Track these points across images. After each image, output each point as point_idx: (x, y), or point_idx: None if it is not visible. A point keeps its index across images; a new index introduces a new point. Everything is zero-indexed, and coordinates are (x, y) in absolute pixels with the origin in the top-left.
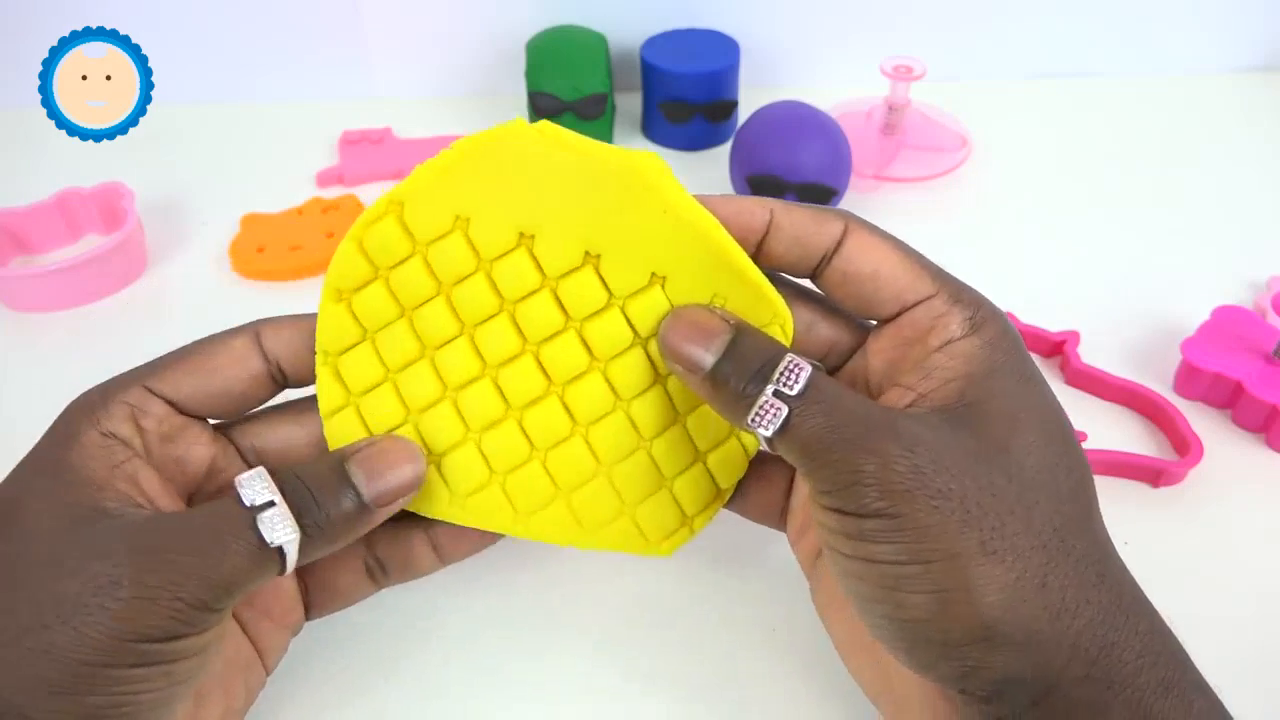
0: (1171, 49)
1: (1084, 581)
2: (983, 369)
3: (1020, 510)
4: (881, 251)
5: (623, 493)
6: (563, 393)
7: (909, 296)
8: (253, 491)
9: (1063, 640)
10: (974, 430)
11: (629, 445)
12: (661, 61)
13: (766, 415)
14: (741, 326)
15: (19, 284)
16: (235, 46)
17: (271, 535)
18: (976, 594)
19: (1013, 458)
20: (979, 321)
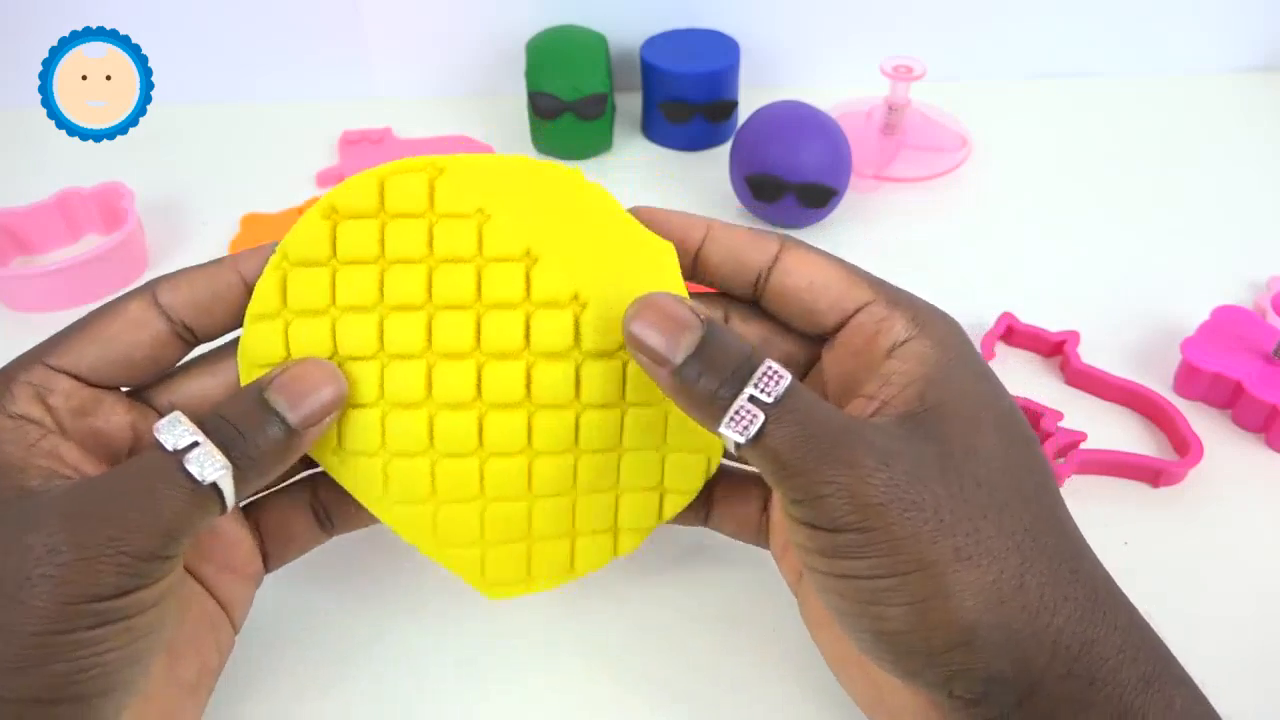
0: (1171, 49)
1: (1059, 578)
2: (938, 370)
3: (992, 513)
4: (816, 265)
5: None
6: (487, 380)
7: (848, 304)
8: (173, 436)
9: (1043, 638)
10: (939, 435)
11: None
12: (661, 61)
13: (741, 421)
14: (714, 323)
15: (19, 284)
16: (235, 46)
17: (202, 473)
18: (955, 600)
19: (979, 460)
20: (923, 321)
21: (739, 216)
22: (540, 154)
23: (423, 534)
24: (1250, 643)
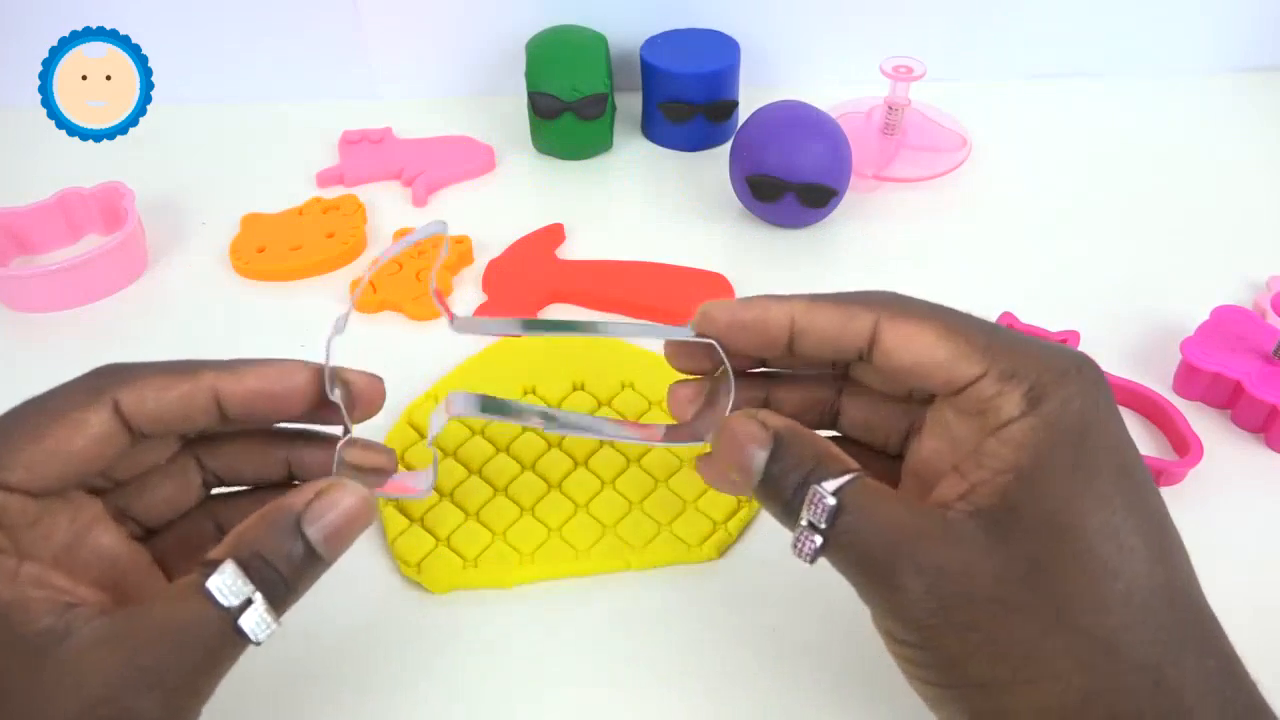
0: (1171, 49)
1: (1136, 691)
2: (1032, 461)
3: (1060, 632)
4: (919, 340)
5: (656, 518)
6: (587, 464)
7: (957, 381)
8: (230, 595)
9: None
10: (1012, 543)
11: (649, 486)
12: (661, 61)
13: (802, 547)
14: (777, 443)
15: (19, 284)
16: (235, 47)
17: (255, 633)
18: (1011, 718)
19: (1047, 575)
20: (1038, 395)
21: (739, 216)
22: (540, 154)
23: (621, 555)
24: (1250, 643)
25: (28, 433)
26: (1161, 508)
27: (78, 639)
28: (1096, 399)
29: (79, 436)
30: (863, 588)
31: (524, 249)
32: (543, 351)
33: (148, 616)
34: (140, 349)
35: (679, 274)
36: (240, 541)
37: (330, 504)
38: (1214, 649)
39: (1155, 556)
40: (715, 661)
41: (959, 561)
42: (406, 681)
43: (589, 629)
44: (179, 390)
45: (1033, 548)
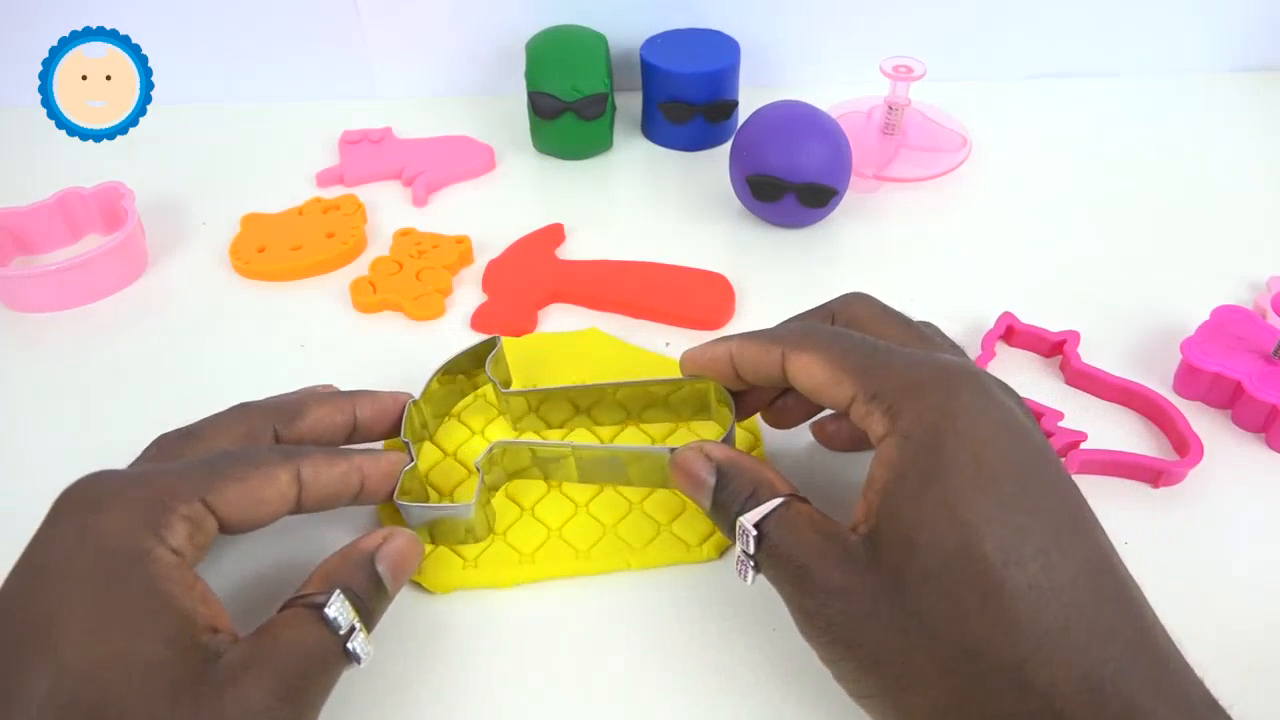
0: (1171, 49)
1: (1002, 693)
2: (894, 477)
3: (924, 642)
4: (809, 368)
5: (656, 518)
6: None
7: (839, 404)
8: (343, 620)
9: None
10: (881, 560)
11: (650, 490)
12: (661, 61)
13: (741, 569)
14: (720, 474)
15: (19, 284)
16: (235, 47)
17: (360, 655)
18: (907, 717)
19: (909, 588)
20: (895, 412)
21: (739, 216)
22: (540, 154)
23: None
24: (1250, 642)
25: (236, 475)
26: (1048, 500)
27: (227, 660)
28: (953, 407)
29: (271, 489)
30: (787, 606)
31: (524, 249)
32: (543, 352)
33: (279, 641)
34: (140, 349)
35: (679, 274)
36: (332, 577)
37: (394, 547)
38: (1117, 637)
39: (1016, 558)
40: (715, 662)
41: (845, 582)
42: (406, 681)
43: (589, 629)
44: (340, 469)
45: (896, 562)
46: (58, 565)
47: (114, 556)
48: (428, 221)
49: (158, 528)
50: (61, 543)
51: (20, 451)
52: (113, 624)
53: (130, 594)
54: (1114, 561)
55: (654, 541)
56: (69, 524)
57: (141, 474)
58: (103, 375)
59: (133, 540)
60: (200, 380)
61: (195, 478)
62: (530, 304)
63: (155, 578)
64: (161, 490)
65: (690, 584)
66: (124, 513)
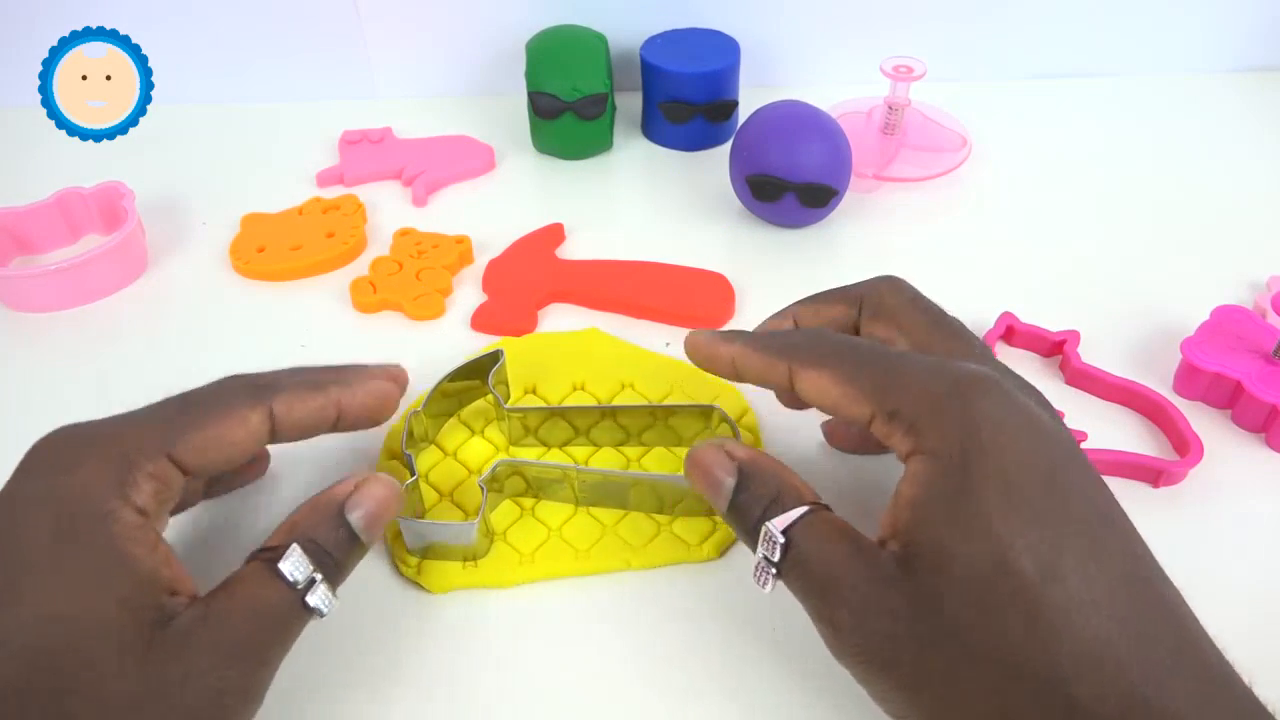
0: (1171, 49)
1: (1048, 712)
2: (923, 495)
3: (965, 662)
4: (819, 385)
5: (656, 518)
6: (587, 464)
7: (857, 421)
8: (299, 573)
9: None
10: (917, 579)
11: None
12: (661, 61)
13: (760, 578)
14: (741, 473)
15: (19, 284)
16: (235, 47)
17: (320, 607)
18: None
19: (948, 609)
20: (919, 430)
21: (739, 216)
22: (540, 154)
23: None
24: (1250, 642)
25: (196, 420)
26: (1080, 506)
27: (179, 622)
28: (976, 420)
29: (241, 430)
30: (812, 619)
31: (524, 249)
32: (543, 352)
33: (231, 600)
34: (140, 349)
35: (679, 274)
36: (296, 529)
37: (367, 494)
38: (1159, 646)
39: (1054, 573)
40: (715, 662)
41: (882, 600)
42: (406, 682)
43: (589, 629)
44: (315, 403)
45: (932, 581)
46: (21, 523)
47: (77, 518)
48: (428, 221)
49: (123, 487)
50: (26, 501)
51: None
52: (71, 584)
53: (91, 555)
54: (1150, 565)
55: (654, 541)
56: (36, 482)
57: (109, 429)
58: (103, 375)
59: (98, 501)
60: (200, 380)
61: (162, 428)
62: (530, 304)
63: (117, 538)
64: (128, 447)
65: (690, 584)
66: (91, 472)
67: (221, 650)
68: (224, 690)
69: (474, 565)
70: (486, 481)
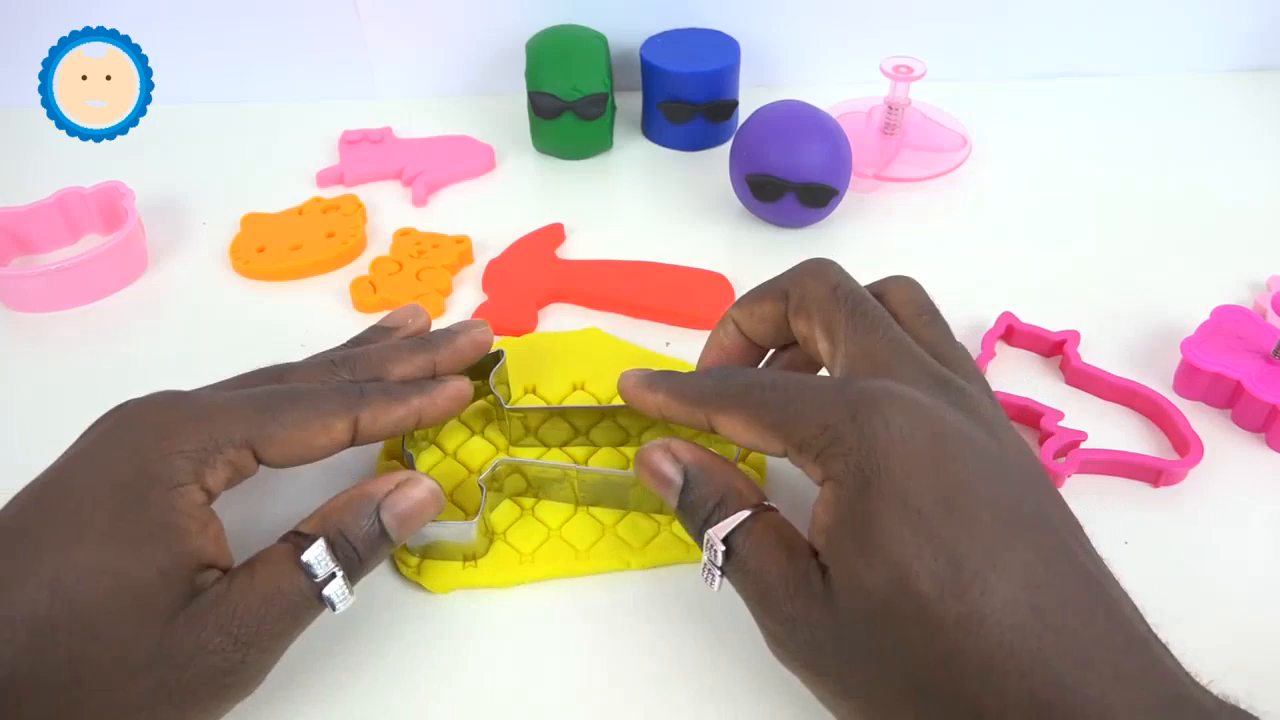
0: (1171, 49)
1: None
2: (834, 520)
3: (881, 677)
4: (736, 428)
5: (656, 518)
6: (587, 464)
7: (779, 455)
8: (321, 568)
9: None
10: (836, 596)
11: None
12: (661, 61)
13: (708, 578)
14: (688, 476)
15: (19, 284)
16: (235, 47)
17: (337, 603)
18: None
19: (860, 629)
20: (825, 459)
21: (739, 216)
22: (540, 154)
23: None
24: (1250, 643)
25: (287, 419)
26: (982, 514)
27: (203, 596)
28: (874, 442)
29: (324, 438)
30: (754, 618)
31: (524, 249)
32: (543, 352)
33: (251, 581)
34: (140, 349)
35: (679, 274)
36: (328, 520)
37: (406, 495)
38: (1066, 653)
39: (952, 589)
40: (716, 661)
41: (808, 612)
42: (407, 682)
43: (589, 629)
44: (397, 415)
45: (845, 603)
46: (104, 469)
47: (152, 483)
48: (428, 221)
49: (201, 466)
50: (116, 450)
51: (20, 452)
52: (125, 542)
53: (149, 521)
54: (1060, 565)
55: (654, 541)
56: (129, 435)
57: (208, 408)
58: (103, 375)
59: (174, 474)
60: (200, 381)
61: (255, 419)
62: (530, 304)
63: (177, 512)
64: (218, 431)
65: (690, 583)
66: (177, 444)
67: (232, 632)
68: (227, 671)
69: (474, 565)
70: (486, 481)
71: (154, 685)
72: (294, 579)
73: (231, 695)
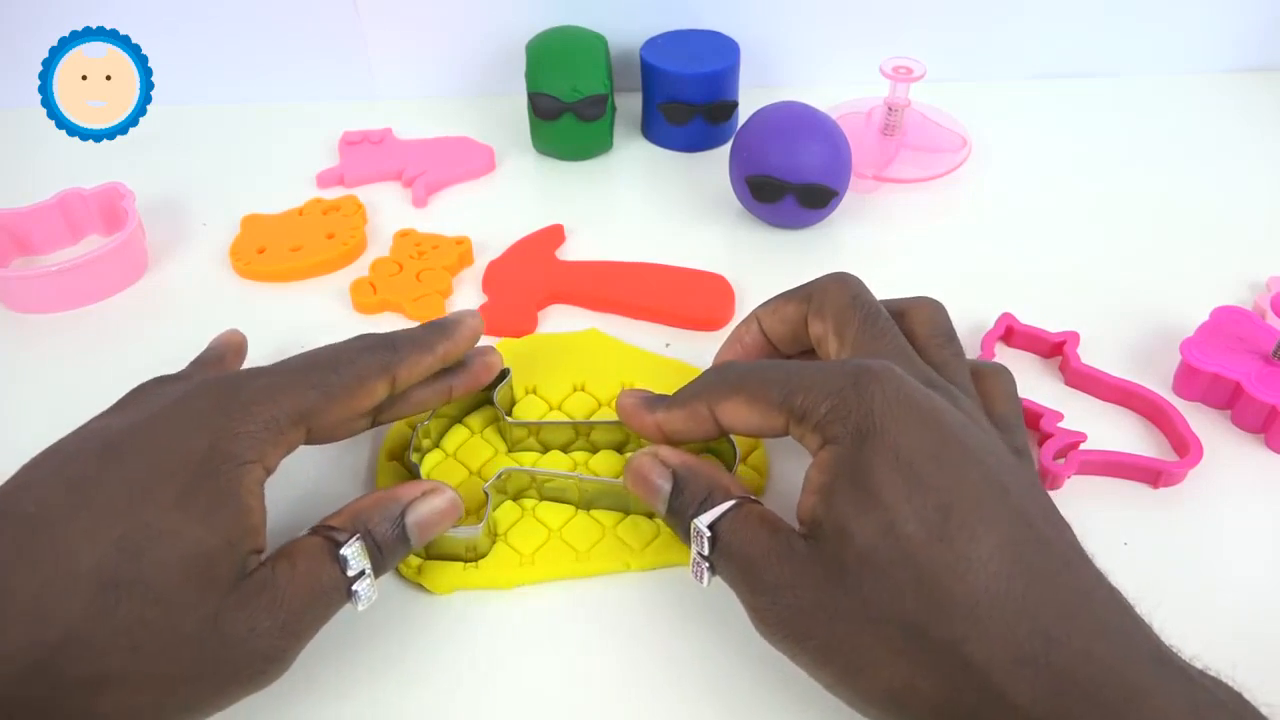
0: (1171, 49)
1: (945, 673)
2: (829, 480)
3: (868, 626)
4: (739, 409)
5: (656, 520)
6: (587, 465)
7: (774, 433)
8: (356, 564)
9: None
10: (823, 554)
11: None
12: (661, 62)
13: (697, 571)
14: (676, 479)
15: (20, 284)
16: (235, 47)
17: (363, 598)
18: (864, 701)
19: (849, 577)
20: (824, 424)
21: (739, 217)
22: (540, 154)
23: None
24: (1250, 643)
25: (336, 393)
26: (970, 473)
27: (251, 578)
28: (871, 407)
29: (369, 402)
30: (741, 603)
31: (524, 250)
32: (543, 353)
33: (294, 572)
34: (141, 350)
35: (679, 274)
36: (357, 517)
37: (429, 503)
38: (1048, 605)
39: (940, 534)
40: (715, 663)
41: (792, 577)
42: (407, 682)
43: (589, 630)
44: (426, 363)
45: (833, 552)
46: (181, 441)
47: (224, 459)
48: (428, 222)
49: (264, 446)
50: (190, 423)
51: (20, 452)
52: (196, 512)
53: (221, 495)
54: (1040, 528)
55: (653, 543)
56: (198, 411)
57: (269, 389)
58: (103, 376)
59: (243, 452)
60: None
61: (309, 396)
62: (530, 305)
63: (244, 489)
64: (279, 413)
65: (690, 585)
66: (245, 424)
67: (279, 619)
68: (269, 658)
69: (475, 566)
70: (491, 488)
71: (202, 658)
72: (331, 571)
73: (260, 682)
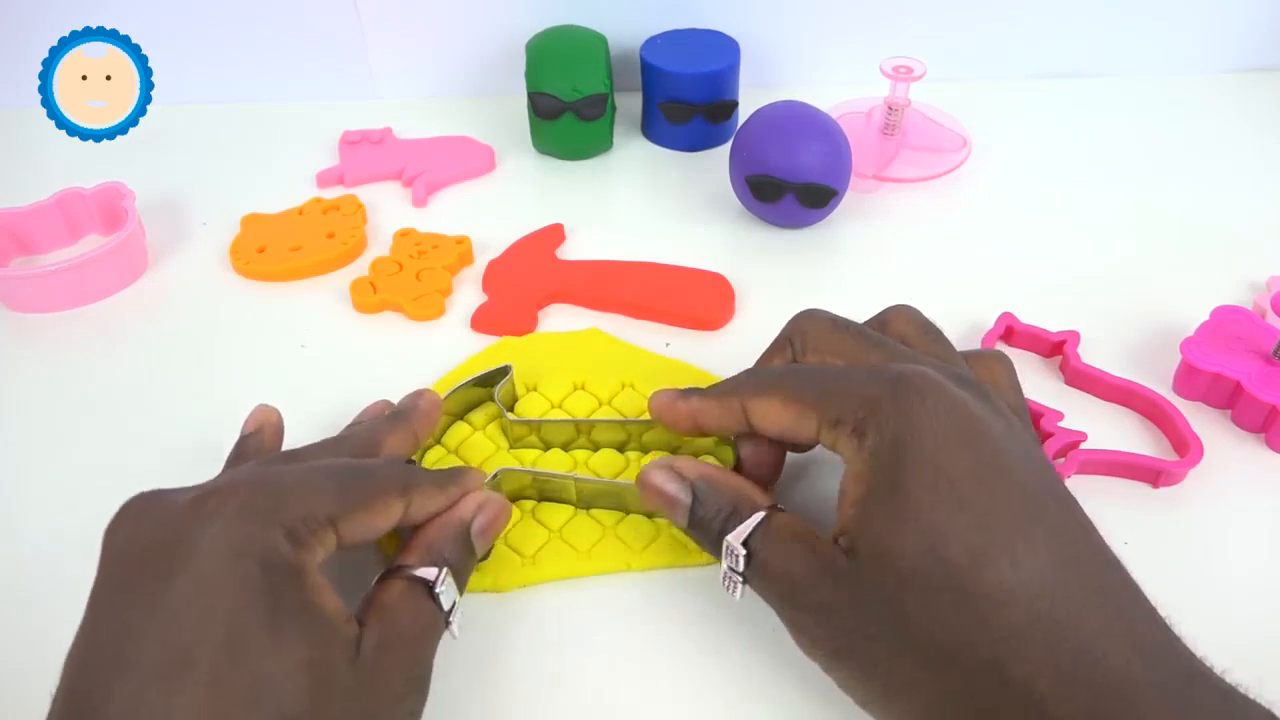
0: (1171, 49)
1: (985, 691)
2: (866, 493)
3: (908, 649)
4: (771, 412)
5: (656, 521)
6: (587, 465)
7: (808, 437)
8: (448, 597)
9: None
10: (862, 572)
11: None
12: (661, 62)
13: (728, 585)
14: (696, 489)
15: (19, 284)
16: (235, 47)
17: (457, 630)
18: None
19: (890, 600)
20: (860, 431)
21: (739, 216)
22: (540, 154)
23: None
24: (1250, 643)
25: (359, 501)
26: (1011, 493)
27: (365, 649)
28: (911, 418)
29: (386, 519)
30: (780, 618)
31: (524, 249)
32: (543, 352)
33: (397, 625)
34: (140, 350)
35: (679, 274)
36: (431, 549)
37: (487, 513)
38: (1088, 622)
39: (983, 558)
40: (715, 663)
41: (833, 596)
42: None
43: (589, 631)
44: (440, 501)
45: (874, 574)
46: (232, 568)
47: (278, 572)
48: (428, 222)
49: (303, 548)
50: (229, 548)
51: (20, 452)
52: (282, 636)
53: (293, 610)
54: (1084, 544)
55: (654, 543)
56: (232, 526)
57: (294, 490)
58: (103, 376)
59: (289, 557)
60: (200, 381)
61: (335, 498)
62: (530, 304)
63: (309, 591)
64: (308, 513)
65: (690, 585)
66: (280, 529)
67: (408, 675)
68: (415, 713)
69: (475, 569)
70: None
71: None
72: (431, 613)
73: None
